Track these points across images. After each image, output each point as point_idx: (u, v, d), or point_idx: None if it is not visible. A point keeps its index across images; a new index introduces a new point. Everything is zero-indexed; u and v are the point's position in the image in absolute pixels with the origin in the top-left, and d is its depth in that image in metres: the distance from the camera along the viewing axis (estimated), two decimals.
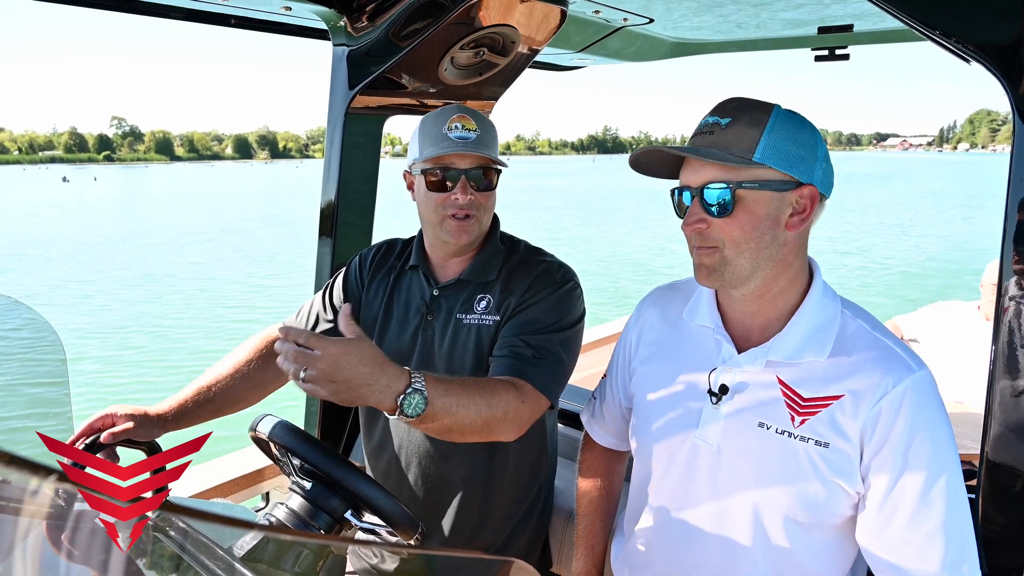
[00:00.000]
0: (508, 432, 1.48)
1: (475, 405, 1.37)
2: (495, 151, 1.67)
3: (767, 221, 1.17)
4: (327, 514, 1.27)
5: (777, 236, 1.18)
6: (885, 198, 48.36)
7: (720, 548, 1.29)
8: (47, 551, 1.04)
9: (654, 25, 2.45)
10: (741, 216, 1.17)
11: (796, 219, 1.19)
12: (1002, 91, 1.17)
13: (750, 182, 1.16)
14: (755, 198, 1.16)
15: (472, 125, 1.62)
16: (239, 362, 1.75)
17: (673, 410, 1.35)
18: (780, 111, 1.18)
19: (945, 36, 1.17)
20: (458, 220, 1.63)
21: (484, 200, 1.66)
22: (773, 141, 1.15)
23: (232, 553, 1.11)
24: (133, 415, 1.49)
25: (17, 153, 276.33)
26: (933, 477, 1.13)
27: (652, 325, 1.47)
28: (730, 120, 1.17)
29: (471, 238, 1.66)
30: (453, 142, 1.61)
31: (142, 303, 15.01)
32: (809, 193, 1.18)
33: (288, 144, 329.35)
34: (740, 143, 1.16)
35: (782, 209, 1.17)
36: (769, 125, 1.16)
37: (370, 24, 2.06)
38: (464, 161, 1.62)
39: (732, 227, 1.17)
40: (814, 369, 1.21)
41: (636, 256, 22.30)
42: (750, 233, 1.17)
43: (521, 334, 1.59)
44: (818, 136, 1.20)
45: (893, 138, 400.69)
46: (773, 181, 1.16)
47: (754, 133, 1.15)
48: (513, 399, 1.45)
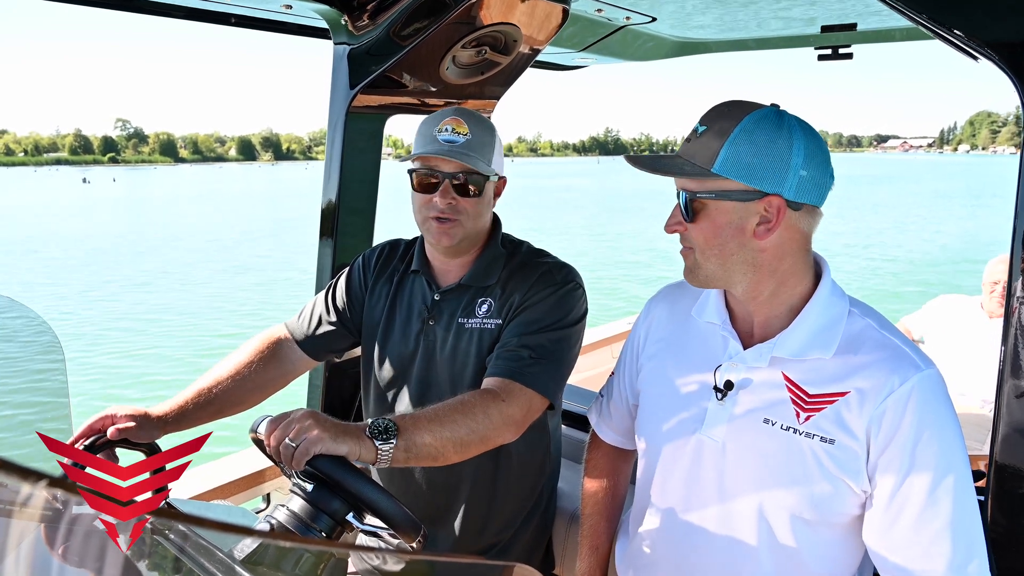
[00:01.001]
0: (505, 436, 1.49)
1: (458, 431, 1.38)
2: (487, 157, 1.64)
3: (729, 230, 1.19)
4: (328, 516, 1.26)
5: (744, 244, 1.19)
6: (898, 198, 49.41)
7: (725, 547, 1.28)
8: (45, 554, 1.03)
9: (657, 24, 2.44)
10: (703, 223, 1.21)
11: (763, 228, 1.18)
12: (1012, 88, 1.16)
13: (707, 192, 1.19)
14: (716, 207, 1.19)
15: (463, 129, 1.61)
16: (240, 364, 1.73)
17: (678, 406, 1.35)
18: (752, 119, 1.16)
19: (953, 32, 1.16)
20: (439, 223, 1.62)
21: (469, 206, 1.63)
22: (733, 152, 1.15)
23: (232, 556, 1.09)
24: (133, 416, 1.48)
25: (23, 155, 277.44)
26: (940, 476, 1.11)
27: (661, 322, 1.47)
28: (705, 128, 1.19)
29: (452, 242, 1.65)
30: (439, 144, 1.60)
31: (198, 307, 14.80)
32: (776, 204, 1.16)
33: (292, 146, 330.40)
34: (703, 154, 1.18)
35: (746, 219, 1.18)
36: (732, 136, 1.15)
37: (371, 22, 2.05)
38: (448, 165, 1.61)
39: (696, 233, 1.22)
40: (820, 367, 1.20)
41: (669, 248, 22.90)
42: (712, 240, 1.21)
43: (521, 335, 1.59)
44: (796, 145, 1.15)
45: (893, 140, 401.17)
46: (733, 192, 1.17)
47: (716, 144, 1.16)
48: (494, 408, 1.46)
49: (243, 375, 1.72)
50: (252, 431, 1.36)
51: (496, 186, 1.72)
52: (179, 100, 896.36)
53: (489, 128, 1.67)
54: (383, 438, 1.27)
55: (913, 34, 2.52)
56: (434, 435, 1.35)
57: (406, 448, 1.30)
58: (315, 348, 1.85)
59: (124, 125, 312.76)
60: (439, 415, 1.38)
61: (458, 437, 1.38)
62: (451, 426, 1.37)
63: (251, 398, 1.74)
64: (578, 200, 49.78)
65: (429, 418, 1.37)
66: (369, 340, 1.83)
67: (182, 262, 20.67)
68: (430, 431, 1.34)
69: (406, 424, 1.31)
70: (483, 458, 1.70)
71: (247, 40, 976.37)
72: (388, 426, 1.28)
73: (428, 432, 1.34)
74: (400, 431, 1.29)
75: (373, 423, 1.28)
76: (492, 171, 1.65)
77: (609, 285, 15.84)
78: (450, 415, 1.40)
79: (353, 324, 1.85)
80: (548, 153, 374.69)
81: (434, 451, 1.35)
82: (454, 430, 1.38)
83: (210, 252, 22.73)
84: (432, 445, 1.34)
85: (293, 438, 1.19)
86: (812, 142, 1.17)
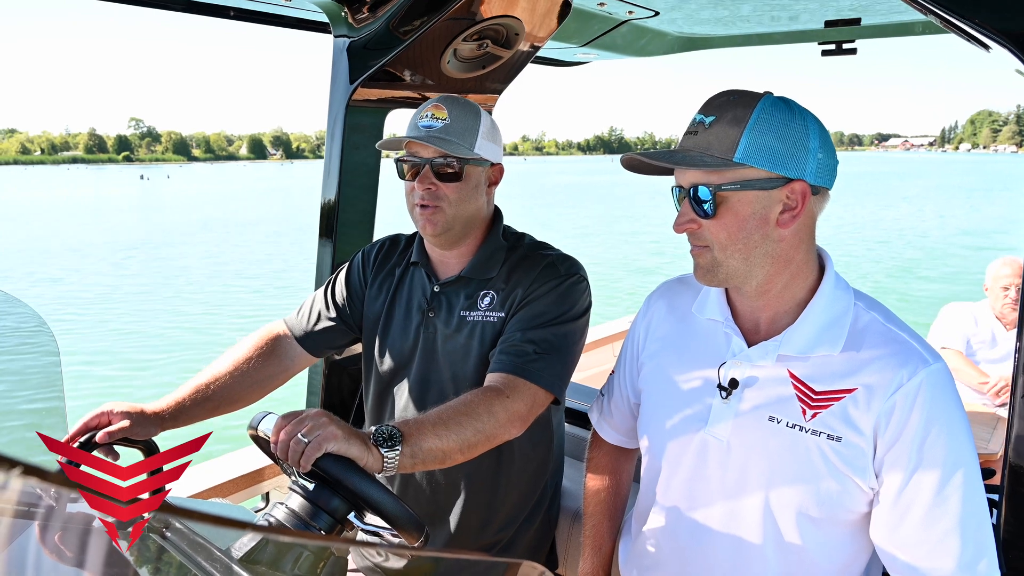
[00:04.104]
0: (511, 432, 1.48)
1: (463, 433, 1.36)
2: (468, 141, 1.61)
3: (754, 220, 1.15)
4: (328, 515, 1.24)
5: (768, 234, 1.16)
6: (925, 191, 53.37)
7: (731, 546, 1.27)
8: (42, 553, 1.01)
9: (659, 19, 2.42)
10: (726, 217, 1.15)
11: (787, 216, 1.16)
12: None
13: (731, 183, 1.14)
14: (739, 199, 1.14)
15: (442, 114, 1.59)
16: (238, 360, 1.72)
17: (682, 405, 1.33)
18: (766, 104, 1.14)
19: (966, 21, 1.13)
20: (423, 209, 1.61)
21: (450, 191, 1.61)
22: (755, 139, 1.12)
23: (230, 555, 1.08)
24: (129, 413, 1.46)
25: (39, 154, 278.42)
26: (949, 473, 1.10)
27: (660, 319, 1.44)
28: (714, 118, 1.15)
29: (436, 229, 1.62)
30: (418, 130, 1.60)
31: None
32: (800, 189, 1.14)
33: (301, 144, 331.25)
34: (721, 144, 1.13)
35: (770, 207, 1.15)
36: (751, 122, 1.12)
37: (371, 15, 2.04)
38: (426, 151, 1.59)
39: (718, 229, 1.16)
40: (826, 363, 1.18)
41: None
42: (736, 234, 1.16)
43: (525, 329, 1.57)
44: (810, 127, 1.15)
45: (895, 138, 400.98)
46: (757, 180, 1.13)
47: (734, 132, 1.12)
48: (499, 405, 1.44)
49: (241, 372, 1.70)
50: (251, 428, 1.34)
51: (489, 173, 1.69)
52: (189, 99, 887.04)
53: (474, 113, 1.63)
54: (388, 445, 1.24)
55: (917, 28, 2.50)
56: (440, 439, 1.32)
57: (412, 455, 1.27)
58: (314, 344, 1.83)
59: (137, 124, 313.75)
60: (443, 418, 1.36)
61: (464, 439, 1.36)
62: (456, 428, 1.35)
63: (249, 395, 1.72)
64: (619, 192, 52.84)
65: (433, 422, 1.34)
66: (369, 335, 1.81)
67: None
68: (435, 435, 1.32)
69: (410, 430, 1.29)
70: (484, 456, 1.68)
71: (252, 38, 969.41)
72: (392, 433, 1.26)
73: (434, 436, 1.32)
74: (405, 438, 1.27)
75: (377, 431, 1.25)
76: (475, 155, 1.61)
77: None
78: (455, 417, 1.37)
79: (353, 320, 1.84)
80: (553, 152, 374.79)
81: (440, 455, 1.33)
82: (460, 432, 1.36)
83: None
84: (438, 449, 1.32)
85: (306, 434, 1.17)
86: (820, 125, 1.17)
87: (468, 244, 1.71)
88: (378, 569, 1.80)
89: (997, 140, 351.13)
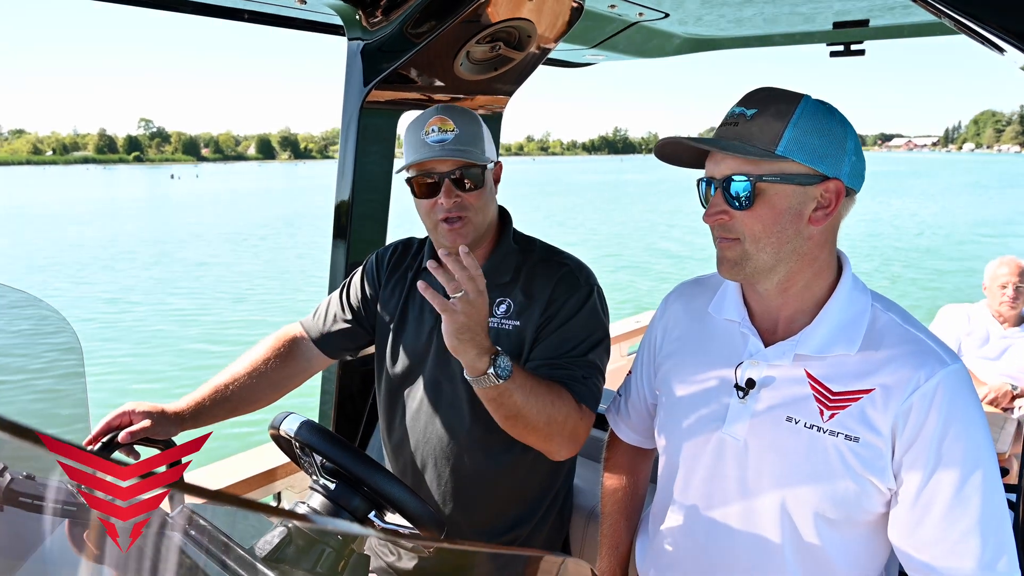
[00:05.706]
0: (564, 446, 1.53)
1: (544, 398, 1.43)
2: (479, 147, 1.62)
3: (789, 215, 1.15)
4: (349, 514, 1.25)
5: (800, 230, 1.17)
6: (938, 188, 57.14)
7: (748, 547, 1.27)
8: (68, 549, 1.02)
9: (669, 20, 2.43)
10: (762, 210, 1.16)
11: (820, 214, 1.16)
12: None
13: (772, 175, 1.14)
14: (777, 191, 1.15)
15: (450, 126, 1.59)
16: (256, 361, 1.73)
17: (699, 405, 1.33)
18: (809, 102, 1.16)
19: (980, 23, 1.14)
20: (450, 224, 1.60)
21: (474, 200, 1.61)
22: (798, 134, 1.13)
23: (254, 553, 1.09)
24: (150, 413, 1.48)
25: (51, 154, 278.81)
26: (968, 473, 1.10)
27: (677, 320, 1.45)
28: (756, 111, 1.16)
29: (467, 240, 1.63)
30: (431, 147, 1.58)
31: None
32: (835, 188, 1.15)
33: (309, 145, 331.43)
34: (764, 135, 1.14)
35: (805, 203, 1.15)
36: (795, 117, 1.14)
37: (385, 18, 2.04)
38: (445, 165, 1.59)
39: (753, 221, 1.16)
40: (844, 363, 1.19)
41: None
42: (771, 227, 1.16)
43: (565, 355, 1.60)
44: (848, 129, 1.17)
45: (898, 138, 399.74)
46: (796, 175, 1.14)
47: (778, 125, 1.14)
48: (573, 409, 1.50)
49: (260, 373, 1.72)
50: (272, 427, 1.36)
51: (494, 172, 1.71)
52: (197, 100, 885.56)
53: (473, 118, 1.65)
54: (497, 371, 1.33)
55: (925, 29, 2.50)
56: (526, 400, 1.40)
57: (500, 392, 1.36)
58: (331, 346, 1.84)
59: (147, 124, 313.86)
60: (539, 389, 1.44)
61: (539, 401, 1.43)
62: (540, 408, 1.43)
63: (267, 396, 1.74)
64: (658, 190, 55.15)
65: (535, 383, 1.43)
66: (382, 337, 1.82)
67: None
68: (525, 393, 1.40)
69: (517, 377, 1.37)
70: (497, 451, 1.69)
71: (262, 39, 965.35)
72: (508, 371, 1.35)
73: (524, 394, 1.39)
74: (512, 378, 1.35)
75: (502, 357, 1.34)
76: (487, 159, 1.63)
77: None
78: (547, 395, 1.45)
79: (368, 322, 1.85)
80: (558, 152, 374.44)
81: (515, 411, 1.40)
82: (540, 395, 1.43)
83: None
84: (518, 405, 1.40)
85: (461, 307, 1.27)
86: (854, 129, 1.19)
87: (482, 248, 1.72)
88: (391, 569, 1.81)
89: (1001, 140, 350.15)
